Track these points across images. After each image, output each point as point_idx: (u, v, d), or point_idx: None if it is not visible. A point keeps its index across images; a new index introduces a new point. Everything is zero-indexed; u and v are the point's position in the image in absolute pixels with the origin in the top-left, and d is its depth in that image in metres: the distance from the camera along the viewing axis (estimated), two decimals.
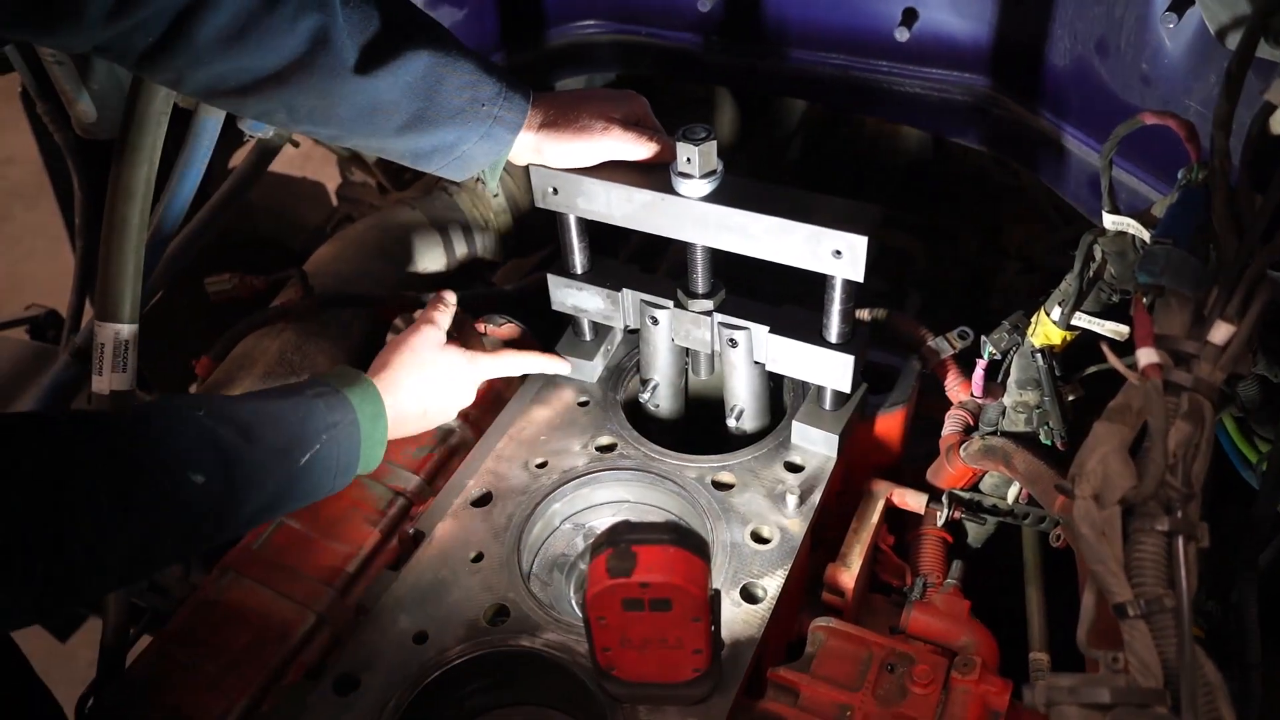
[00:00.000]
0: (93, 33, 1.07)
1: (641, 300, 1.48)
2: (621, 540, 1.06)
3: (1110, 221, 1.13)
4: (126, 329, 1.35)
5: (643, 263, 2.00)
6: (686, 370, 1.59)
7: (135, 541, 1.02)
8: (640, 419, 1.57)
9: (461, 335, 1.56)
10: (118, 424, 1.07)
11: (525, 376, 1.62)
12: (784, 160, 2.33)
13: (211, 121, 1.55)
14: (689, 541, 1.07)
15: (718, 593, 1.11)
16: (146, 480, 1.02)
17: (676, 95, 2.20)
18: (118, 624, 1.45)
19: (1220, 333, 0.88)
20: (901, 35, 1.67)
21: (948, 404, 1.52)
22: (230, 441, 1.09)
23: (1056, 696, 0.85)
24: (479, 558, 1.37)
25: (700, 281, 1.42)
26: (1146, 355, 0.88)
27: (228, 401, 1.17)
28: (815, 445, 1.46)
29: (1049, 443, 1.33)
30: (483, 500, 1.44)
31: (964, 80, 1.70)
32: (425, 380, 1.39)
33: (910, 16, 1.67)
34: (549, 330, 1.66)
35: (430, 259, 2.01)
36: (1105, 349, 0.90)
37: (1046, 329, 1.25)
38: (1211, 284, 0.92)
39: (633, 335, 1.61)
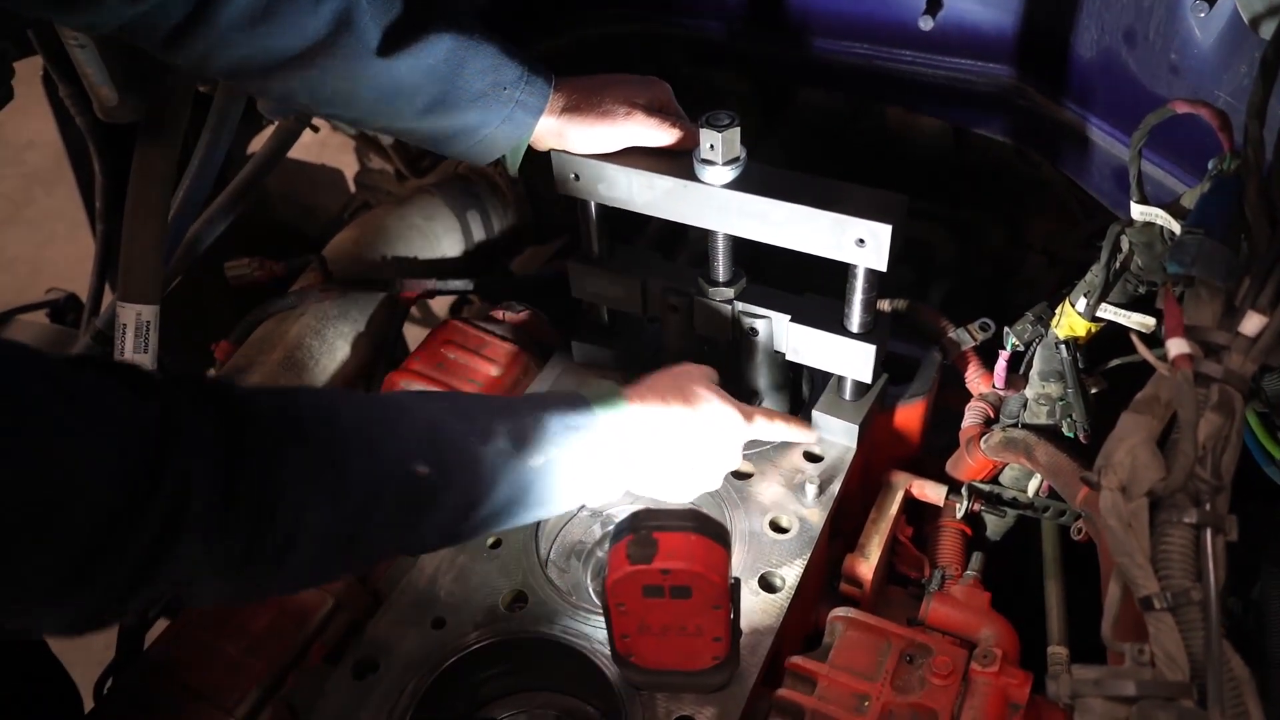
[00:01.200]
0: (116, 13, 1.07)
1: (662, 288, 1.48)
2: (643, 527, 1.06)
3: (1138, 212, 1.12)
4: (148, 310, 1.36)
5: (660, 249, 1.99)
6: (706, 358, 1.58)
7: (347, 529, 0.93)
8: None
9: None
10: (345, 402, 1.01)
11: (543, 364, 1.62)
12: (804, 150, 2.32)
13: (233, 104, 1.56)
14: (710, 529, 1.07)
15: (738, 581, 1.11)
16: (362, 466, 0.94)
17: (697, 83, 2.19)
18: None
19: (1252, 324, 0.87)
20: (926, 24, 1.65)
21: (968, 396, 1.51)
22: (460, 433, 1.02)
23: (1081, 689, 0.85)
24: (497, 544, 1.37)
25: (721, 269, 1.42)
26: (1177, 346, 0.87)
27: (463, 396, 1.12)
28: (835, 435, 1.46)
29: (1071, 435, 1.32)
30: None
31: (988, 70, 1.69)
32: (689, 408, 1.21)
33: (935, 5, 1.65)
34: (567, 318, 1.65)
35: (449, 245, 2.01)
36: (1135, 340, 0.89)
37: (1071, 320, 1.24)
38: (1243, 275, 0.91)
39: (652, 323, 1.61)
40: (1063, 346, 1.27)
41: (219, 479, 0.81)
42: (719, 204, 1.30)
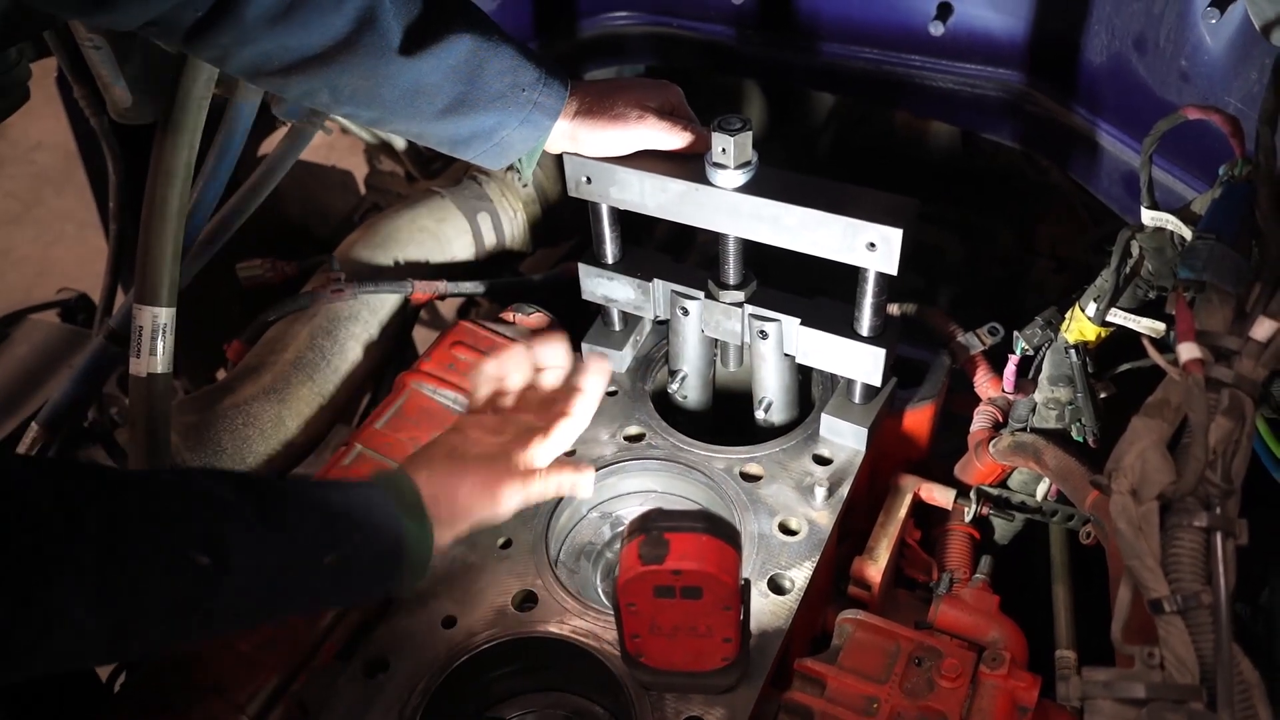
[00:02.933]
0: (144, 9, 1.08)
1: (673, 291, 1.48)
2: (654, 527, 1.07)
3: (1149, 217, 1.13)
4: (164, 312, 1.36)
5: (667, 251, 1.99)
6: (715, 361, 1.59)
7: (116, 617, 0.87)
8: (668, 409, 1.57)
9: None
10: (130, 482, 0.94)
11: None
12: (813, 155, 2.33)
13: (247, 106, 1.56)
14: (721, 530, 1.07)
15: (748, 582, 1.12)
16: (141, 552, 0.87)
17: (707, 88, 2.20)
18: None
19: (1263, 329, 0.88)
20: (936, 29, 1.66)
21: (976, 400, 1.52)
22: (251, 523, 0.94)
23: (1091, 691, 0.85)
24: (507, 544, 1.38)
25: (732, 273, 1.42)
26: (1188, 350, 0.87)
27: (262, 482, 1.04)
28: (844, 438, 1.46)
29: (1080, 440, 1.32)
30: None
31: (998, 76, 1.69)
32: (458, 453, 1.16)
33: (945, 11, 1.66)
34: (577, 321, 1.66)
35: (459, 247, 2.02)
36: (1147, 344, 0.90)
37: (1081, 325, 1.25)
38: (1254, 280, 0.92)
39: (662, 325, 1.61)
40: (1072, 351, 1.28)
41: None
42: (731, 207, 1.31)
